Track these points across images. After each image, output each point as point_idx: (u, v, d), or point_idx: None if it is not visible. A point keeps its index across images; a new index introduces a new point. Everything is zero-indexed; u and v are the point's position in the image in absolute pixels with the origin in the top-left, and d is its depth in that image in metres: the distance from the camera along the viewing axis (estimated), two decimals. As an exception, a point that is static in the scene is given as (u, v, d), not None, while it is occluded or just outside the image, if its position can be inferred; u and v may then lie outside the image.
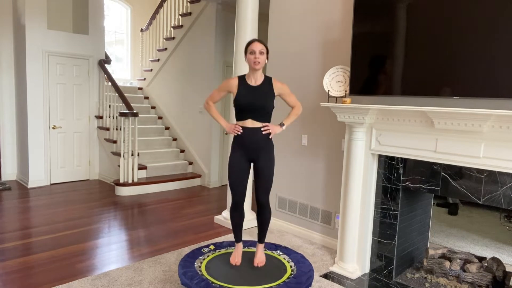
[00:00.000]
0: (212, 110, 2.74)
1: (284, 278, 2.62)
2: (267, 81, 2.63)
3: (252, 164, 2.69)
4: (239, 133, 2.56)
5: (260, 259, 2.75)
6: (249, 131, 2.57)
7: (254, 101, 2.54)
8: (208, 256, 2.91)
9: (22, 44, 5.43)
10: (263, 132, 2.57)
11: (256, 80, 2.60)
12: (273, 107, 2.64)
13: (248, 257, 2.89)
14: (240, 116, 2.60)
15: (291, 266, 2.80)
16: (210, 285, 2.44)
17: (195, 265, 2.72)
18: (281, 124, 2.68)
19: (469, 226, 3.80)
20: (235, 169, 2.64)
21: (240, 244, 2.81)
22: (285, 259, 2.92)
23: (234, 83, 2.61)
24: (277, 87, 2.64)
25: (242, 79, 2.63)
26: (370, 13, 2.87)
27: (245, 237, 3.75)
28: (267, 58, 2.59)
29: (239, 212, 2.73)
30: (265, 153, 2.62)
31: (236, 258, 2.76)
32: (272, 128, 2.60)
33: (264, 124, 2.59)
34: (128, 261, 3.22)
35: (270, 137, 2.62)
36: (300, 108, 2.75)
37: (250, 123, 2.57)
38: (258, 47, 2.52)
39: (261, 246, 2.79)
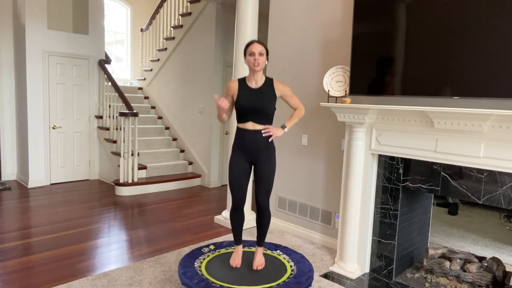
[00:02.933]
0: (221, 116, 2.68)
1: (284, 278, 2.62)
2: (268, 82, 2.60)
3: (252, 167, 2.67)
4: (224, 106, 2.46)
5: (259, 262, 2.73)
6: (250, 134, 2.54)
7: (254, 103, 2.52)
8: (208, 256, 2.91)
9: (22, 44, 5.43)
10: (264, 135, 2.54)
11: (256, 82, 2.57)
12: (275, 109, 2.62)
13: (248, 257, 2.89)
14: (241, 119, 2.58)
15: (291, 266, 2.80)
16: (210, 285, 2.44)
17: (195, 265, 2.72)
18: (283, 126, 2.64)
19: (469, 226, 3.80)
20: (235, 171, 2.61)
21: (240, 247, 2.80)
22: (285, 259, 2.92)
23: (235, 86, 2.59)
24: (279, 88, 2.61)
25: (242, 81, 2.61)
26: (370, 13, 2.87)
27: (245, 237, 3.75)
28: (267, 59, 2.57)
29: (239, 215, 2.71)
30: (266, 156, 2.59)
31: (236, 260, 2.75)
32: (273, 130, 2.57)
33: (265, 126, 2.56)
34: (128, 261, 3.22)
35: (270, 139, 2.59)
36: (302, 110, 2.72)
37: (251, 125, 2.55)
38: (257, 48, 2.50)
39: (260, 249, 2.77)
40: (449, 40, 2.47)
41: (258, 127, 2.55)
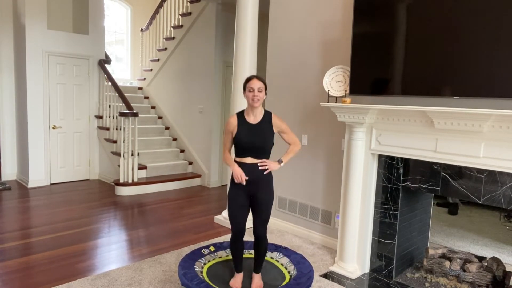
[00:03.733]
0: (227, 160, 2.68)
1: (283, 284, 2.65)
2: (267, 117, 2.60)
3: (251, 197, 2.66)
4: (243, 183, 2.52)
5: (257, 284, 2.71)
6: (249, 167, 2.56)
7: (254, 140, 2.54)
8: (209, 261, 2.91)
9: (22, 44, 5.43)
10: (260, 168, 2.56)
11: (255, 117, 2.58)
12: (273, 144, 2.64)
13: (249, 263, 2.89)
14: (239, 153, 2.59)
15: (289, 272, 2.80)
16: (210, 286, 2.45)
17: (195, 268, 2.72)
18: (280, 161, 2.64)
19: (469, 226, 3.80)
20: (235, 204, 2.62)
21: (241, 274, 2.76)
22: (283, 265, 2.91)
23: (234, 122, 2.60)
24: (276, 124, 2.61)
25: (241, 116, 2.61)
26: (370, 13, 2.87)
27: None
28: (265, 94, 2.58)
29: (240, 243, 2.69)
30: (265, 187, 2.60)
31: (236, 284, 2.72)
32: (270, 165, 2.58)
33: (262, 160, 2.57)
34: (128, 261, 3.22)
35: (265, 173, 2.58)
36: (299, 145, 2.70)
37: (249, 160, 2.57)
38: (256, 84, 2.51)
39: (257, 276, 2.74)
40: (449, 40, 2.47)
41: (256, 161, 2.57)
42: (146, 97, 7.34)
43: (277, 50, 4.08)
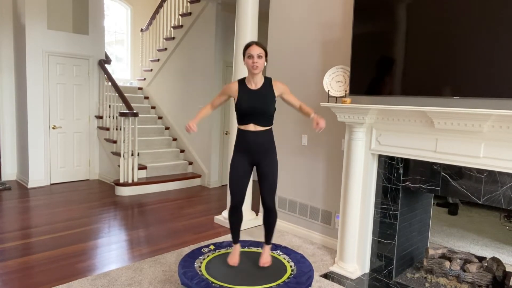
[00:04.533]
0: (201, 110, 2.70)
1: (284, 278, 2.62)
2: (267, 83, 2.60)
3: (255, 168, 2.67)
4: (189, 131, 2.50)
5: (266, 259, 2.76)
6: (252, 135, 2.55)
7: (255, 105, 2.52)
8: (208, 256, 2.91)
9: (22, 44, 5.43)
10: (317, 131, 2.47)
11: (256, 83, 2.58)
12: (275, 109, 2.62)
13: (249, 257, 2.89)
14: (242, 121, 2.58)
15: (291, 266, 2.80)
16: (210, 285, 2.44)
17: (195, 265, 2.72)
18: (316, 114, 2.55)
19: (469, 226, 3.80)
20: (237, 172, 2.62)
21: (238, 245, 2.81)
22: (285, 259, 2.92)
23: (234, 87, 2.59)
24: (278, 87, 2.61)
25: (242, 83, 2.61)
26: (370, 13, 2.87)
27: (244, 237, 3.75)
28: (266, 60, 2.57)
29: (238, 214, 2.72)
30: (269, 156, 2.61)
31: (234, 259, 2.76)
32: (320, 122, 2.44)
33: (316, 121, 2.44)
34: (128, 261, 3.22)
35: (319, 131, 2.49)
36: (304, 104, 2.70)
37: (252, 127, 2.56)
38: (256, 51, 2.49)
39: (267, 247, 2.80)
40: (449, 40, 2.47)
41: (259, 128, 2.56)
42: (146, 97, 7.34)
43: (277, 50, 4.08)
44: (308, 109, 2.63)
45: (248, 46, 2.54)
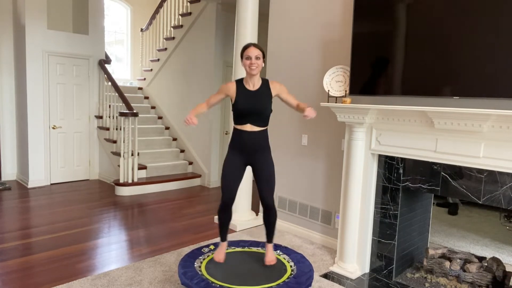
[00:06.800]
0: (196, 107, 2.71)
1: (284, 278, 2.62)
2: (265, 84, 2.63)
3: (252, 169, 2.69)
4: (188, 124, 2.51)
5: (271, 257, 2.78)
6: (249, 135, 2.57)
7: (253, 106, 2.54)
8: (208, 256, 2.91)
9: (22, 44, 5.43)
10: (305, 118, 2.44)
11: (254, 84, 2.60)
12: (271, 111, 2.65)
13: (249, 257, 2.89)
14: (239, 121, 2.60)
15: (291, 266, 2.80)
16: (210, 285, 2.44)
17: (195, 265, 2.72)
18: (309, 106, 2.52)
19: (469, 226, 3.80)
20: (230, 170, 2.64)
21: (225, 243, 2.84)
22: (285, 259, 2.92)
23: (232, 87, 2.61)
24: (275, 87, 2.63)
25: (240, 83, 2.63)
26: (370, 13, 2.87)
27: (244, 237, 3.76)
28: (264, 62, 2.58)
29: (228, 212, 2.74)
30: (265, 156, 2.63)
31: (220, 255, 2.78)
32: (310, 112, 2.42)
33: (305, 112, 2.42)
34: (128, 261, 3.22)
35: (307, 118, 2.46)
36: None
37: (249, 127, 2.58)
38: (254, 52, 2.51)
39: (270, 246, 2.82)
40: (449, 40, 2.47)
41: (255, 128, 2.58)
42: (146, 97, 7.34)
43: (277, 50, 4.08)
44: (303, 104, 2.63)
45: (246, 47, 2.57)
